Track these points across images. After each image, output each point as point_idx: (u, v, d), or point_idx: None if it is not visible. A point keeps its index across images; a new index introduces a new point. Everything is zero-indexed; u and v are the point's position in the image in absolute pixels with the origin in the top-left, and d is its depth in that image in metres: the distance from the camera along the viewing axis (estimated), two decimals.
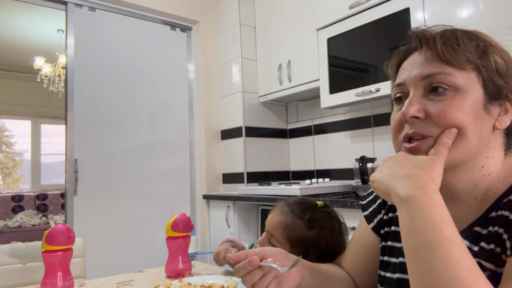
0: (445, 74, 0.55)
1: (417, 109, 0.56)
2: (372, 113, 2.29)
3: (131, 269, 1.23)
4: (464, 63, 0.55)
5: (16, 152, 5.89)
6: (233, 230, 2.45)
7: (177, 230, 1.08)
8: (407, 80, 0.59)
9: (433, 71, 0.56)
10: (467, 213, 0.58)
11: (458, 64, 0.55)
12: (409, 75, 0.59)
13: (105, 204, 2.39)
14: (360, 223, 0.78)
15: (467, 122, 0.54)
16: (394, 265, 0.65)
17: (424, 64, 0.58)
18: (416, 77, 0.58)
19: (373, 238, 0.73)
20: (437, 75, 0.56)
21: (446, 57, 0.55)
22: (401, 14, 1.77)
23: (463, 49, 0.55)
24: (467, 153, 0.55)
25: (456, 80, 0.55)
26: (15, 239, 4.39)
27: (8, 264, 1.20)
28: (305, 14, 2.37)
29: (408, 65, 0.61)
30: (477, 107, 0.55)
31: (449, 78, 0.55)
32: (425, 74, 0.57)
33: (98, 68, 2.45)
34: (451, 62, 0.55)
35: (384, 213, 0.72)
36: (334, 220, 0.93)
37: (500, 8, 1.48)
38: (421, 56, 0.59)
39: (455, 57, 0.55)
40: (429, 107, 0.56)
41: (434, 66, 0.56)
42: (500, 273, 0.49)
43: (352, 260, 0.76)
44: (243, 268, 0.59)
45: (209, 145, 2.82)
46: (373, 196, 0.76)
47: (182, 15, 2.79)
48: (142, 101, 2.62)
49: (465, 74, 0.55)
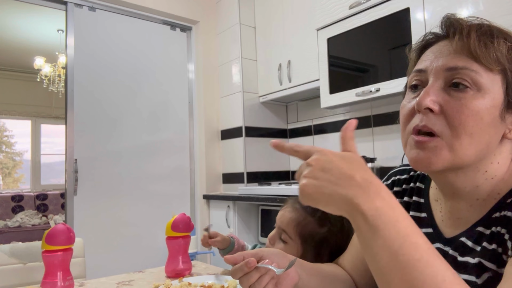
0: (471, 70, 0.52)
1: (433, 100, 0.53)
2: (372, 113, 2.29)
3: (131, 269, 1.23)
4: (493, 63, 0.52)
5: (16, 152, 5.89)
6: (233, 230, 2.45)
7: (177, 230, 1.08)
8: (429, 67, 0.56)
9: (459, 65, 0.53)
10: (468, 211, 0.58)
11: (486, 63, 0.52)
12: (431, 63, 0.56)
13: (105, 204, 2.39)
14: None
15: (478, 127, 0.52)
16: None
17: (452, 55, 0.54)
18: (439, 67, 0.55)
19: None
20: (462, 70, 0.53)
21: (477, 53, 0.52)
22: (401, 14, 1.77)
23: (495, 48, 0.52)
24: (471, 158, 0.53)
25: (480, 79, 0.52)
26: (15, 239, 4.39)
27: (8, 264, 1.20)
28: (305, 14, 2.37)
29: (433, 52, 0.57)
30: (493, 112, 0.52)
31: (474, 75, 0.52)
32: (450, 66, 0.54)
33: (98, 68, 2.45)
34: (480, 59, 0.52)
35: None
36: (344, 219, 0.94)
37: (500, 8, 1.48)
38: (450, 46, 0.55)
39: (486, 55, 0.52)
40: (445, 103, 0.53)
41: (461, 59, 0.53)
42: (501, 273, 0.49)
43: (353, 260, 0.76)
44: (240, 270, 0.59)
45: (209, 145, 2.82)
46: None
47: (182, 15, 2.79)
48: (142, 101, 2.62)
49: (491, 75, 0.53)
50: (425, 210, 0.65)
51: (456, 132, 0.52)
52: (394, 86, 1.79)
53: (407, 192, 0.70)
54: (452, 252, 0.57)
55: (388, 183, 0.74)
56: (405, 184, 0.71)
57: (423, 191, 0.68)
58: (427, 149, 0.54)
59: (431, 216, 0.64)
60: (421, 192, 0.68)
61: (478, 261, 0.52)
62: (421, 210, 0.66)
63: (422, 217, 0.65)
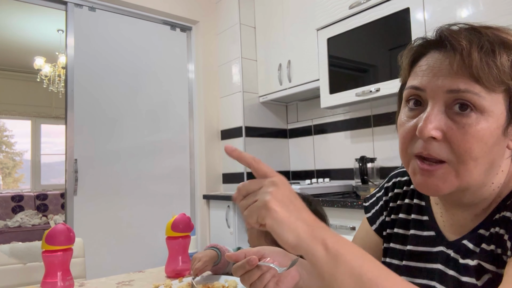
0: (473, 93, 0.49)
1: (435, 127, 0.51)
2: (372, 113, 2.29)
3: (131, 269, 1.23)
4: (496, 84, 0.49)
5: (16, 152, 5.89)
6: (233, 230, 2.45)
7: (177, 230, 1.08)
8: (427, 87, 0.53)
9: (461, 87, 0.50)
10: (472, 220, 0.58)
11: (489, 85, 0.49)
12: (430, 82, 0.53)
13: (105, 204, 2.39)
14: (362, 225, 0.77)
15: (483, 151, 0.50)
16: (397, 267, 0.65)
17: (452, 75, 0.51)
18: (439, 88, 0.52)
19: (376, 240, 0.73)
20: (465, 93, 0.50)
21: (479, 75, 0.49)
22: (401, 14, 1.77)
23: (498, 67, 0.49)
24: (477, 179, 0.53)
25: (483, 102, 0.50)
26: (15, 239, 4.39)
27: (8, 264, 1.20)
28: (305, 14, 2.37)
29: (430, 67, 0.54)
30: (497, 133, 0.51)
31: (477, 99, 0.49)
32: (452, 88, 0.51)
33: (98, 68, 2.45)
34: (482, 81, 0.49)
35: (386, 214, 0.71)
36: (304, 202, 0.92)
37: (500, 8, 1.48)
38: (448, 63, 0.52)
39: (489, 76, 0.49)
40: (448, 129, 0.51)
41: (462, 81, 0.50)
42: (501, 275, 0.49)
43: None
44: (241, 267, 0.59)
45: (209, 145, 2.82)
46: (376, 198, 0.76)
47: (182, 15, 2.79)
48: (142, 101, 2.62)
49: (493, 96, 0.50)
50: (427, 213, 0.65)
51: (461, 159, 0.51)
52: (394, 86, 1.79)
53: (408, 194, 0.70)
54: (454, 255, 0.57)
55: (389, 184, 0.74)
56: (405, 186, 0.71)
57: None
58: (435, 178, 0.53)
59: (433, 219, 0.63)
60: (422, 195, 0.67)
61: (478, 263, 0.52)
62: (423, 213, 0.66)
63: (423, 220, 0.65)
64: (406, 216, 0.68)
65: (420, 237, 0.64)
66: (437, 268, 0.59)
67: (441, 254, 0.60)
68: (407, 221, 0.67)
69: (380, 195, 0.75)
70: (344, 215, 1.77)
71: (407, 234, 0.66)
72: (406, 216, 0.68)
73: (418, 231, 0.64)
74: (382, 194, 0.74)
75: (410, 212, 0.67)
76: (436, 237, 0.62)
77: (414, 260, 0.63)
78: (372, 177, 2.11)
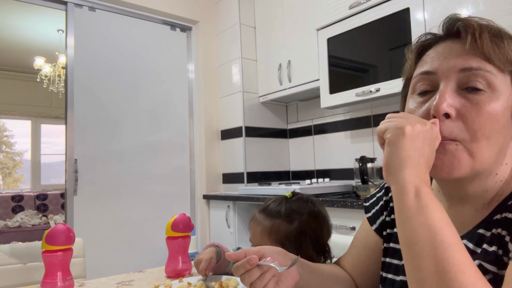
0: (485, 71, 0.51)
1: (450, 105, 0.52)
2: (372, 113, 2.29)
3: (131, 269, 1.23)
4: (506, 63, 0.52)
5: (16, 152, 5.89)
6: (233, 230, 2.45)
7: (177, 230, 1.08)
8: (439, 69, 0.54)
9: (473, 65, 0.52)
10: (473, 216, 0.57)
11: (499, 64, 0.51)
12: (441, 64, 0.54)
13: (105, 204, 2.39)
14: (362, 225, 0.77)
15: (495, 130, 0.51)
16: (397, 267, 0.65)
17: (464, 56, 0.53)
18: (451, 68, 0.53)
19: (376, 240, 0.73)
20: (477, 71, 0.51)
21: (490, 54, 0.51)
22: (401, 14, 1.77)
23: (506, 48, 0.52)
24: (488, 161, 0.53)
25: (495, 80, 0.51)
26: (15, 239, 4.39)
27: (8, 264, 1.20)
28: (305, 14, 2.37)
29: (439, 53, 0.55)
30: (507, 114, 0.52)
31: (489, 76, 0.51)
32: (465, 66, 0.52)
33: (98, 68, 2.45)
34: (493, 60, 0.51)
35: (387, 214, 0.71)
36: (308, 203, 0.93)
37: (500, 8, 1.48)
38: (459, 47, 0.53)
39: (499, 55, 0.51)
40: (462, 107, 0.52)
41: (474, 59, 0.52)
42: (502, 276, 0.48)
43: (353, 260, 0.76)
44: (241, 267, 0.59)
45: (209, 145, 2.82)
46: (376, 198, 0.76)
47: (182, 15, 2.79)
48: (142, 101, 2.62)
49: (502, 77, 0.52)
50: None
51: (475, 136, 0.51)
52: (394, 86, 1.79)
53: None
54: None
55: None
56: None
57: None
58: (448, 153, 0.52)
59: None
60: None
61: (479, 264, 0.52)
62: None
63: None
64: None
65: None
66: None
67: None
68: None
69: (380, 195, 0.75)
70: (344, 215, 1.77)
71: None
72: None
73: None
74: (382, 194, 0.74)
75: None
76: None
77: None
78: (372, 177, 2.11)
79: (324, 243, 0.90)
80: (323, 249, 0.89)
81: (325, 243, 0.90)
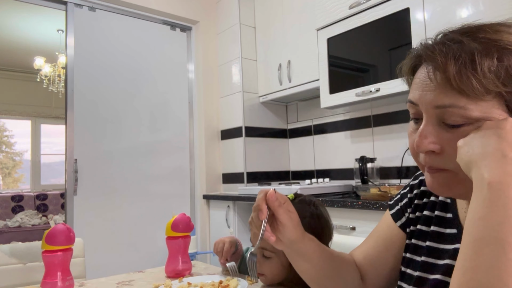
0: (459, 107, 0.49)
1: (431, 142, 0.52)
2: (372, 113, 2.29)
3: (131, 269, 1.23)
4: (481, 93, 0.48)
5: (16, 152, 5.89)
6: (233, 230, 2.45)
7: (177, 230, 1.08)
8: (419, 102, 0.54)
9: (446, 102, 0.50)
10: None
11: (473, 95, 0.48)
12: (421, 97, 0.54)
13: (105, 204, 2.39)
14: (384, 219, 0.78)
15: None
16: (416, 264, 0.66)
17: (437, 90, 0.51)
18: (428, 103, 0.52)
19: (399, 235, 0.73)
20: (449, 108, 0.50)
21: (460, 88, 0.48)
22: (401, 14, 1.77)
23: (480, 76, 0.47)
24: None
25: (471, 114, 0.49)
26: (15, 239, 4.39)
27: (8, 264, 1.20)
28: (305, 14, 2.37)
29: (420, 81, 0.55)
30: None
31: (463, 112, 0.49)
32: (437, 104, 0.51)
33: (98, 68, 2.45)
34: (466, 93, 0.48)
35: (411, 211, 0.72)
36: (311, 206, 0.93)
37: (500, 8, 1.48)
38: (432, 78, 0.52)
39: (470, 87, 0.48)
40: (444, 142, 0.52)
41: (446, 95, 0.50)
42: None
43: (368, 249, 0.77)
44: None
45: (209, 145, 2.82)
46: (400, 195, 0.77)
47: (182, 15, 2.79)
48: (142, 101, 2.62)
49: (484, 105, 0.49)
50: (451, 210, 0.65)
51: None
52: (394, 86, 1.79)
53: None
54: None
55: (415, 182, 0.75)
56: None
57: None
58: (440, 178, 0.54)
59: (457, 216, 0.63)
60: None
61: None
62: (447, 210, 0.66)
63: (447, 217, 0.65)
64: (430, 213, 0.68)
65: (442, 235, 0.64)
66: (451, 264, 0.59)
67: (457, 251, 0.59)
68: (430, 218, 0.68)
69: (405, 192, 0.76)
70: (344, 215, 1.77)
71: (427, 231, 0.67)
72: (430, 213, 0.68)
73: (441, 228, 0.64)
74: (407, 191, 0.75)
75: (434, 209, 0.68)
76: (457, 235, 0.61)
77: (432, 257, 0.63)
78: (372, 177, 2.11)
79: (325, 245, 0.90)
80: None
81: (327, 245, 0.90)
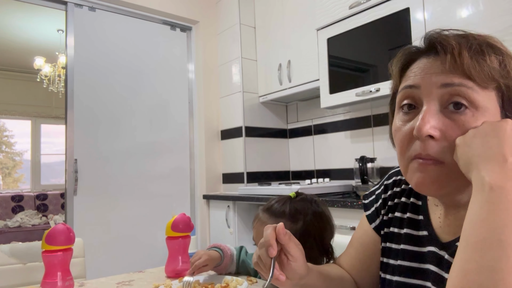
0: (467, 87, 0.50)
1: (434, 126, 0.51)
2: (372, 113, 2.29)
3: (131, 269, 1.23)
4: (488, 80, 0.50)
5: (16, 152, 5.89)
6: (233, 230, 2.45)
7: (177, 230, 1.08)
8: (421, 84, 0.54)
9: (455, 81, 0.51)
10: None
11: (481, 82, 0.50)
12: (424, 79, 0.53)
13: (105, 204, 2.39)
14: (361, 223, 0.77)
15: None
16: (393, 267, 0.65)
17: (445, 73, 0.52)
18: (433, 83, 0.52)
19: (374, 238, 0.72)
20: (459, 87, 0.51)
21: (471, 72, 0.50)
22: (401, 14, 1.77)
23: (489, 65, 0.51)
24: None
25: (477, 97, 0.50)
26: (15, 239, 4.39)
27: (8, 264, 1.20)
28: (305, 14, 2.37)
29: (421, 69, 0.55)
30: None
31: (471, 93, 0.50)
32: (446, 82, 0.51)
33: (98, 68, 2.45)
34: (474, 78, 0.50)
35: (384, 213, 0.71)
36: (312, 204, 0.94)
37: (500, 8, 1.48)
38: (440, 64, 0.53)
39: (481, 73, 0.50)
40: (446, 128, 0.51)
41: (455, 76, 0.51)
42: None
43: (352, 260, 0.76)
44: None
45: (209, 145, 2.82)
46: (375, 196, 0.75)
47: (182, 15, 2.79)
48: (142, 101, 2.62)
49: (486, 93, 0.51)
50: (422, 212, 0.65)
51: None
52: None
53: (406, 193, 0.69)
54: (448, 257, 0.56)
55: (389, 182, 0.74)
56: (404, 184, 0.71)
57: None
58: (432, 173, 0.53)
59: (428, 219, 0.63)
60: (419, 195, 0.67)
61: None
62: (419, 212, 0.65)
63: (418, 220, 0.65)
64: (401, 214, 0.68)
65: (413, 237, 0.63)
66: (428, 269, 0.59)
67: (431, 254, 0.59)
68: (402, 220, 0.67)
69: (379, 192, 0.74)
70: (344, 215, 1.77)
71: (400, 233, 0.66)
72: (401, 215, 0.68)
73: (413, 231, 0.64)
74: (381, 191, 0.74)
75: (405, 211, 0.67)
76: (428, 238, 0.61)
77: (407, 260, 0.62)
78: (372, 177, 2.11)
79: (327, 243, 0.90)
80: (326, 249, 0.90)
81: (329, 243, 0.91)
